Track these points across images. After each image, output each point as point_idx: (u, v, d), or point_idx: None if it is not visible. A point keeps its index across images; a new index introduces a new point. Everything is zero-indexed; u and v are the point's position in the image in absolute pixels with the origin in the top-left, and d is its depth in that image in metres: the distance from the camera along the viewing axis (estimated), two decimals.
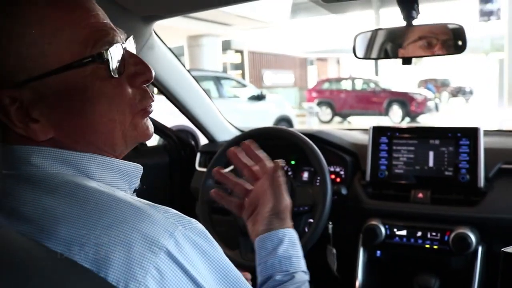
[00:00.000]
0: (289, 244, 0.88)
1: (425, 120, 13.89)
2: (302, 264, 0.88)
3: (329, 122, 14.89)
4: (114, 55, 0.61)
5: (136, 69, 0.64)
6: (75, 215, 0.54)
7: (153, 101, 0.66)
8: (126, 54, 0.63)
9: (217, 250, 0.59)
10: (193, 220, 0.58)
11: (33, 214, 0.55)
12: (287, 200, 0.94)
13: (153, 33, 1.47)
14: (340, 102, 14.93)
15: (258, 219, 0.93)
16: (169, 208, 0.58)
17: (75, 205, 0.55)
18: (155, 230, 0.53)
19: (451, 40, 1.19)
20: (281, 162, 0.95)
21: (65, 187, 0.57)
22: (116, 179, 0.64)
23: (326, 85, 15.87)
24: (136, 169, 0.67)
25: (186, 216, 0.58)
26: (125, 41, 0.65)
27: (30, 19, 0.57)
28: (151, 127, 0.68)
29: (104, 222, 0.53)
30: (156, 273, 0.51)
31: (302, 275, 0.86)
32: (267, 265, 0.86)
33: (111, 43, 0.61)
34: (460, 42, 1.17)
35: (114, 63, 0.60)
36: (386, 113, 14.09)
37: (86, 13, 0.60)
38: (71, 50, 0.58)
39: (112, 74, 0.60)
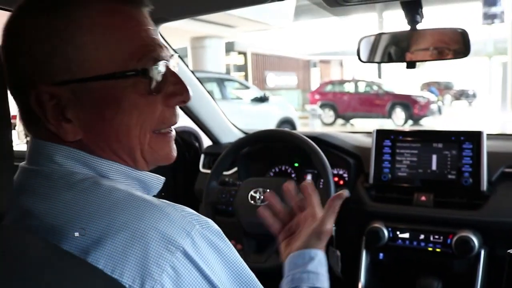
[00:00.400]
0: (319, 263, 0.89)
1: (428, 123, 13.88)
2: (326, 284, 0.89)
3: (332, 124, 14.90)
4: (157, 72, 0.61)
5: (175, 89, 0.65)
6: (92, 212, 0.54)
7: (176, 122, 0.67)
8: (168, 73, 0.64)
9: (232, 250, 0.60)
10: (209, 220, 0.59)
11: (48, 212, 0.56)
12: (331, 226, 0.95)
13: (159, 35, 1.48)
14: (343, 105, 14.93)
15: (293, 241, 0.94)
16: (186, 207, 0.59)
17: (92, 201, 0.56)
18: (172, 228, 0.54)
19: (455, 45, 1.19)
20: (346, 192, 0.98)
21: (83, 184, 0.58)
22: (135, 186, 0.65)
23: (329, 88, 15.88)
24: (157, 181, 0.68)
25: (202, 216, 0.59)
26: (170, 58, 0.65)
27: (82, 24, 0.58)
28: (175, 151, 0.68)
29: (122, 219, 0.54)
30: (172, 272, 0.52)
31: None
32: (295, 277, 0.87)
33: (156, 60, 0.62)
34: (464, 47, 1.18)
35: (155, 81, 0.61)
36: (389, 115, 14.09)
37: (138, 26, 0.61)
38: (117, 60, 0.59)
39: (152, 91, 0.61)
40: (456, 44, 1.19)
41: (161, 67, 0.62)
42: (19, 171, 0.63)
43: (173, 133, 0.68)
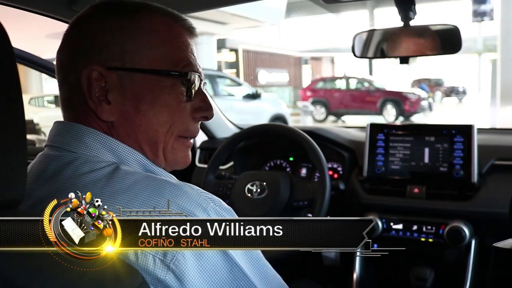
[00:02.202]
0: None
1: (418, 120, 13.96)
2: None
3: (323, 121, 14.93)
4: (194, 81, 0.70)
5: (201, 104, 0.73)
6: (114, 190, 0.58)
7: (196, 135, 0.75)
8: (199, 89, 0.73)
9: None
10: (220, 199, 0.65)
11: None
12: None
13: None
14: (334, 101, 14.97)
15: None
16: (199, 187, 0.65)
17: (114, 181, 0.60)
18: (190, 204, 0.59)
19: (446, 41, 1.23)
20: None
21: (105, 169, 0.62)
22: None
23: (320, 84, 15.90)
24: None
25: (214, 195, 0.65)
26: (202, 80, 0.74)
27: (145, 26, 0.69)
28: (190, 158, 0.76)
29: (143, 195, 0.58)
30: None
31: None
32: None
33: (195, 73, 0.71)
34: (455, 43, 1.21)
35: (190, 89, 0.70)
36: (380, 112, 14.15)
37: (187, 44, 0.73)
38: (164, 62, 0.69)
39: (186, 95, 0.70)
40: (447, 40, 1.23)
41: (197, 79, 0.71)
42: (40, 158, 0.68)
43: (192, 142, 0.76)
